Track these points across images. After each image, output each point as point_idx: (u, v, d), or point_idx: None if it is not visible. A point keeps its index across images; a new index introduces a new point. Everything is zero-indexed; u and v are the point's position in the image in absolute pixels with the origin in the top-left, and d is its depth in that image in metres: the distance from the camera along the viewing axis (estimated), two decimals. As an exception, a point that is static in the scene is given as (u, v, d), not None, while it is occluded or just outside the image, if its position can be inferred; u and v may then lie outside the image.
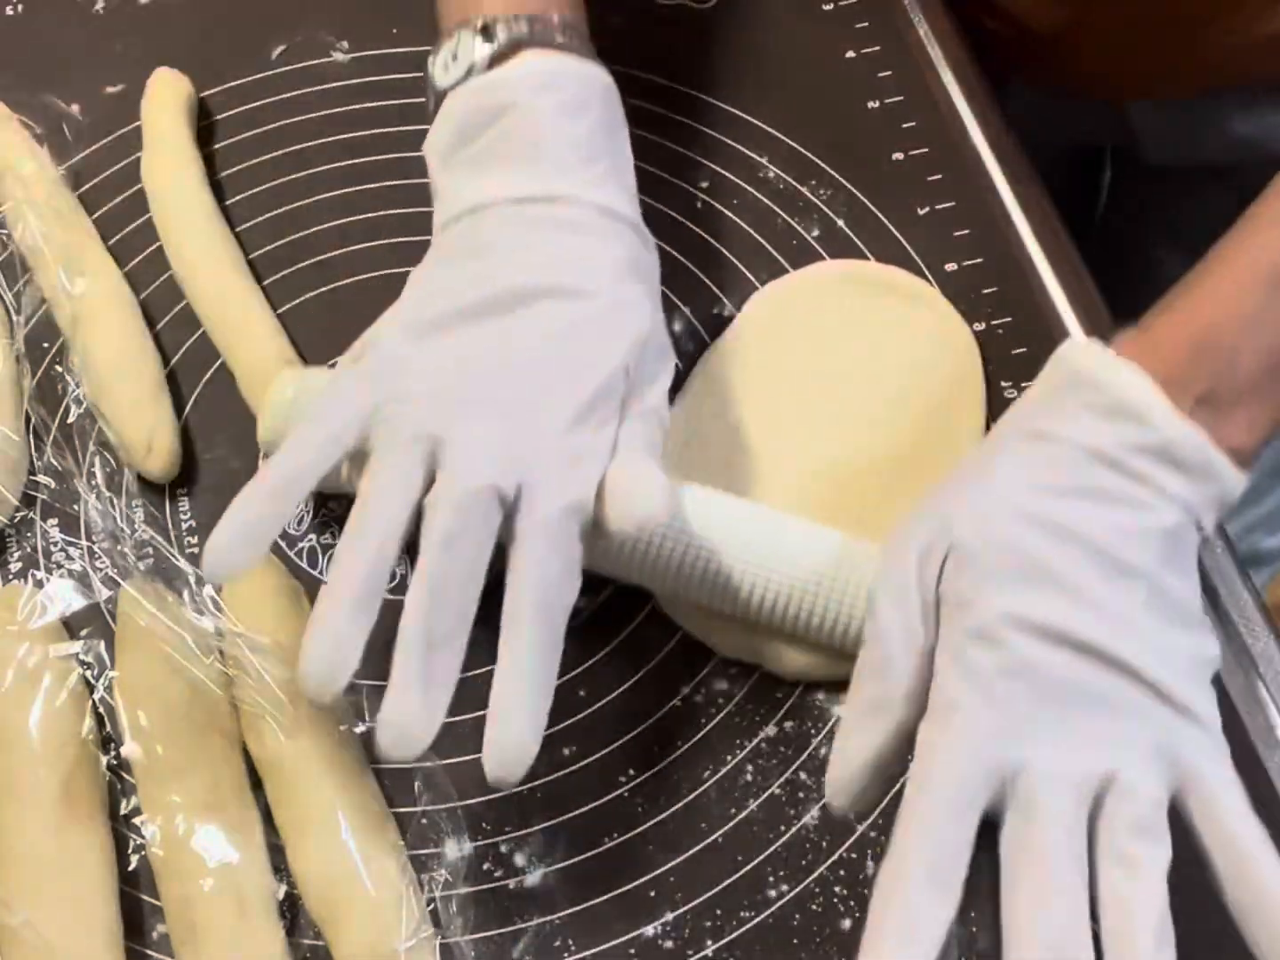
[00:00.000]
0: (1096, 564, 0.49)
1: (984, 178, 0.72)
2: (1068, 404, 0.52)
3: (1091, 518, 0.50)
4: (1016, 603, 0.48)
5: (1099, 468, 0.50)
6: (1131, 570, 0.49)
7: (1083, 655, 0.48)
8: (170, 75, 0.74)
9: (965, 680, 0.48)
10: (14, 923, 0.51)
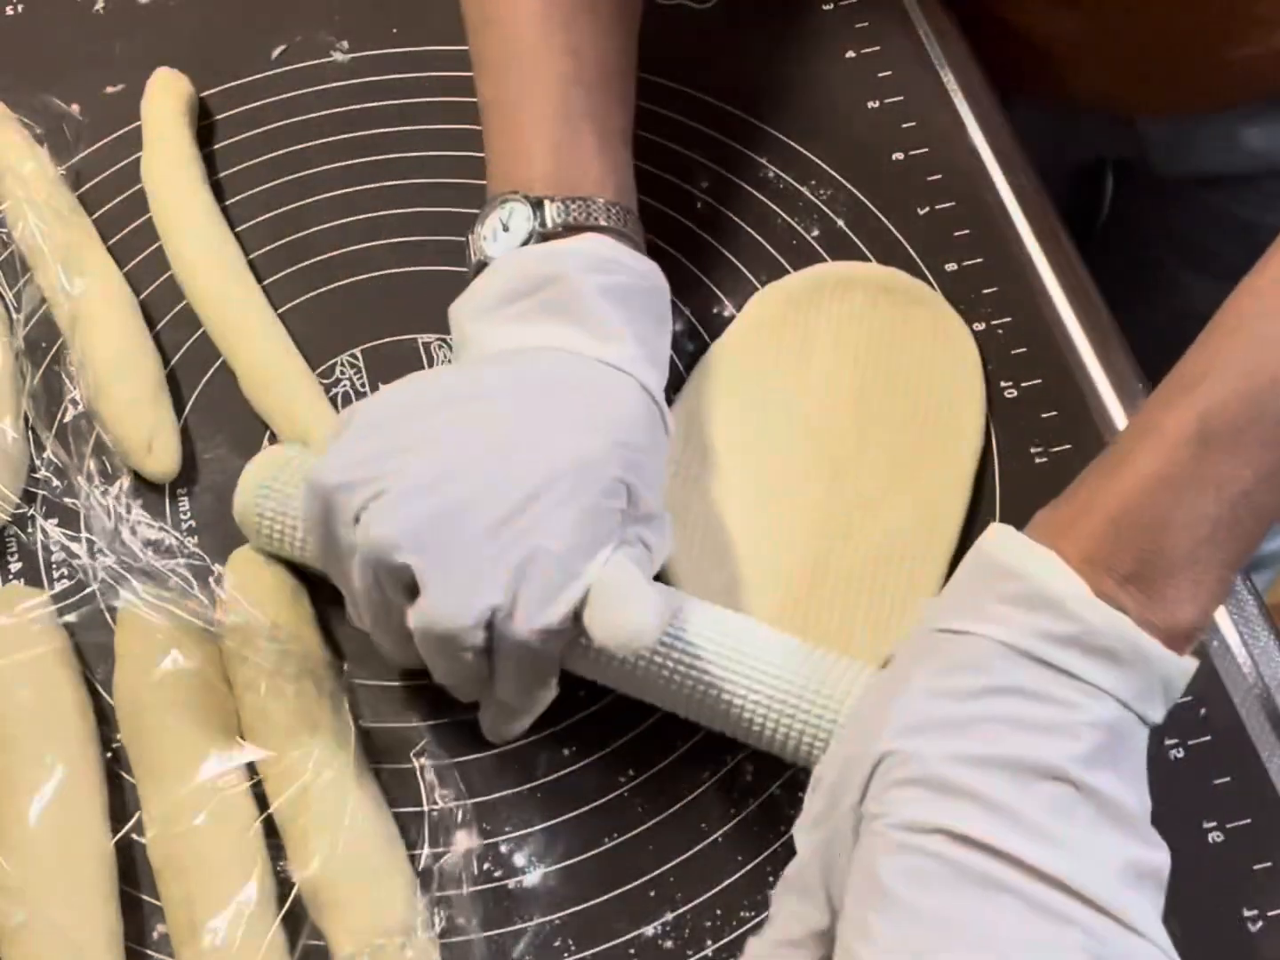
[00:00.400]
0: (1016, 772, 0.45)
1: (984, 178, 0.72)
2: (982, 598, 0.48)
3: (1011, 722, 0.45)
4: (930, 812, 0.44)
5: (1018, 665, 0.46)
6: (1057, 775, 0.45)
7: (1005, 865, 0.44)
8: (170, 75, 0.74)
9: (871, 900, 0.44)
10: (14, 922, 0.51)
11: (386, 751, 0.57)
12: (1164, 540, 0.47)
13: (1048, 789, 0.45)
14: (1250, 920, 0.54)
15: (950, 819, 0.44)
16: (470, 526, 0.51)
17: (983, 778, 0.44)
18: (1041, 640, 0.46)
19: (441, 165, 0.73)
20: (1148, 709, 0.48)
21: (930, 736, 0.46)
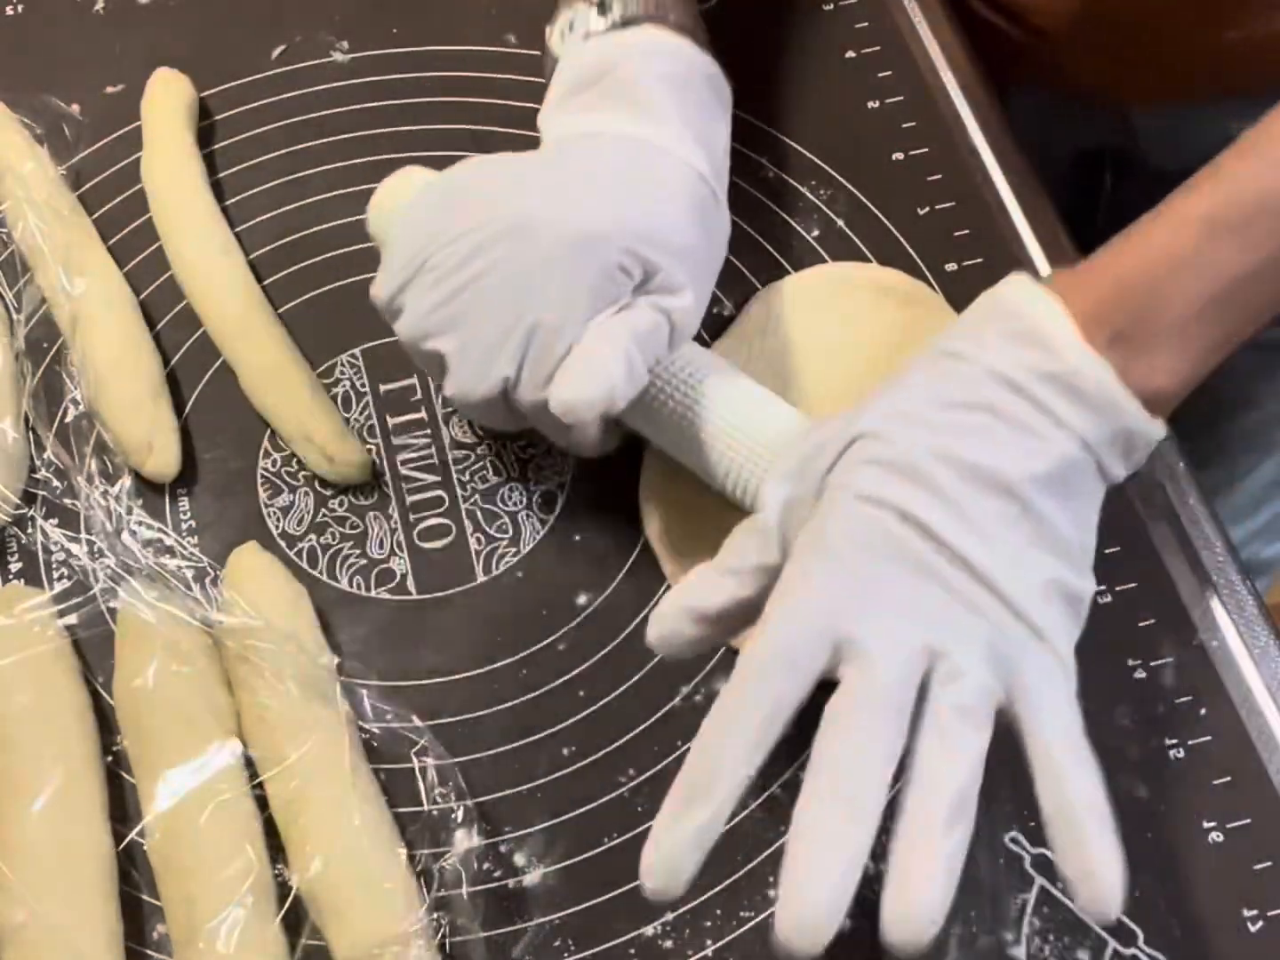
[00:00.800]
0: (974, 476, 0.49)
1: (984, 178, 0.72)
2: (984, 330, 0.53)
3: (981, 434, 0.50)
4: (887, 490, 0.49)
5: (1001, 389, 0.50)
6: (1009, 490, 0.49)
7: (940, 551, 0.48)
8: (170, 75, 0.74)
9: (815, 550, 0.49)
10: (14, 922, 0.51)
11: (386, 751, 0.57)
12: (1157, 307, 0.51)
13: (997, 500, 0.49)
14: (1250, 920, 0.54)
15: (904, 500, 0.49)
16: (485, 304, 0.56)
17: (943, 472, 0.49)
18: (1026, 372, 0.50)
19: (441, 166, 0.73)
20: (1109, 459, 0.51)
21: (906, 427, 0.50)
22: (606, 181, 0.58)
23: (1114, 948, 0.53)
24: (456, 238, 0.57)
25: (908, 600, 0.48)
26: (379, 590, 0.62)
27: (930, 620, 0.48)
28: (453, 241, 0.57)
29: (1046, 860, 0.55)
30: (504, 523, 0.63)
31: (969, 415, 0.50)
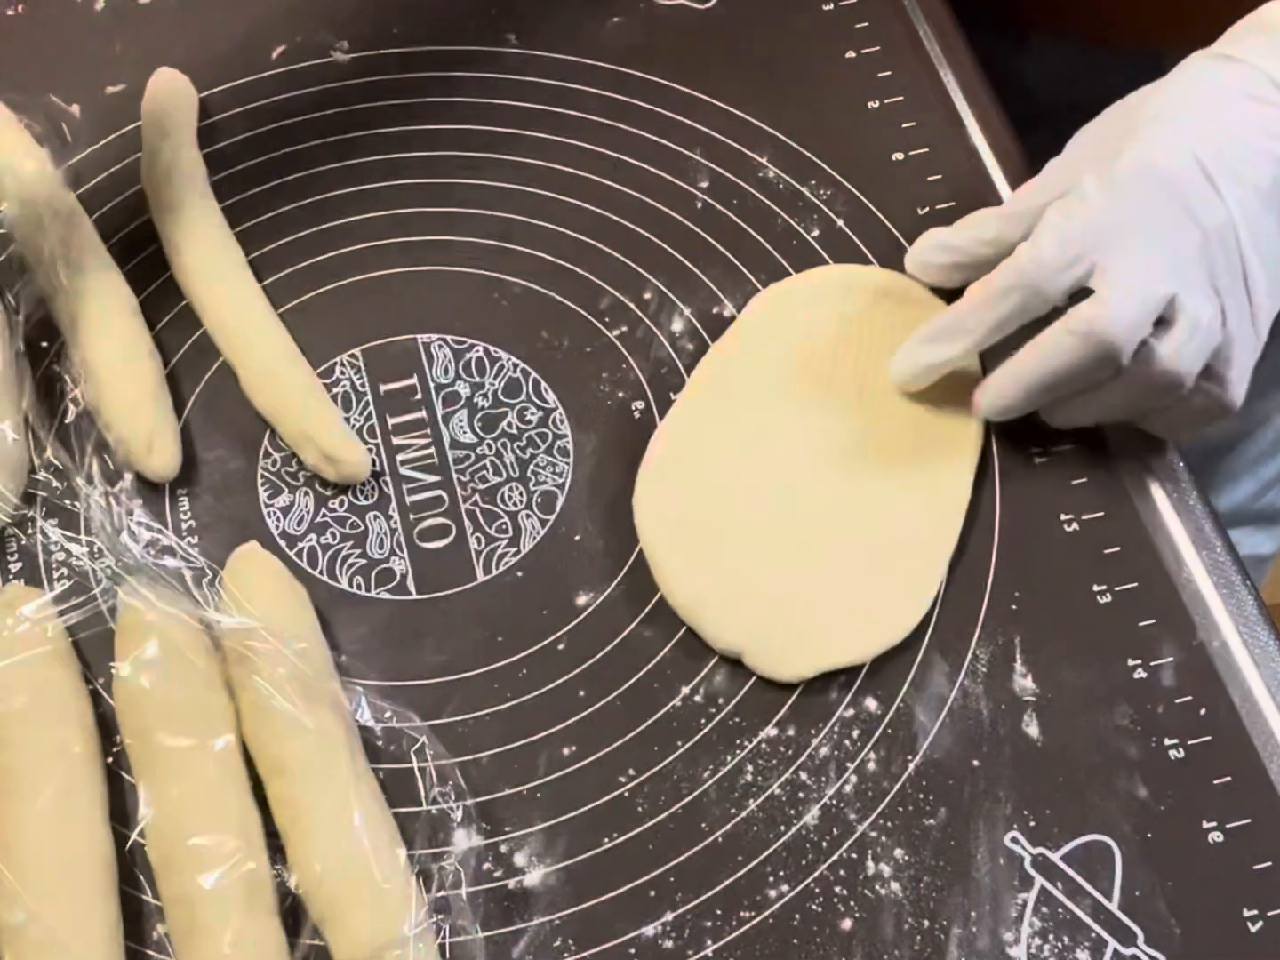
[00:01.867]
0: (1248, 159, 0.57)
1: (984, 178, 0.71)
2: (1250, 39, 0.59)
3: (1255, 122, 0.57)
4: (1177, 139, 0.57)
5: (1272, 88, 0.58)
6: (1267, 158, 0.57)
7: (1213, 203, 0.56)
8: (170, 75, 0.74)
9: (1099, 177, 0.57)
10: (14, 922, 0.51)
11: (386, 751, 0.57)
12: None
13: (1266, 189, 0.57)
14: (1250, 920, 0.54)
15: (1186, 152, 0.57)
16: None
17: (1232, 151, 0.58)
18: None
19: (441, 165, 0.73)
20: None
21: (1198, 105, 0.59)
22: None
23: (1114, 948, 0.53)
24: None
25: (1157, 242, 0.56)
26: (379, 590, 0.62)
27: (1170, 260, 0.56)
28: None
29: (1046, 860, 0.55)
30: (504, 523, 0.63)
31: (1249, 105, 0.58)
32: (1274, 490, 1.02)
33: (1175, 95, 0.59)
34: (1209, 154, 0.56)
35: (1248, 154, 0.57)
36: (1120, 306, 0.56)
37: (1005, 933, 0.54)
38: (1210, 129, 0.57)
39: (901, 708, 0.58)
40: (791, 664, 0.58)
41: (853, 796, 0.56)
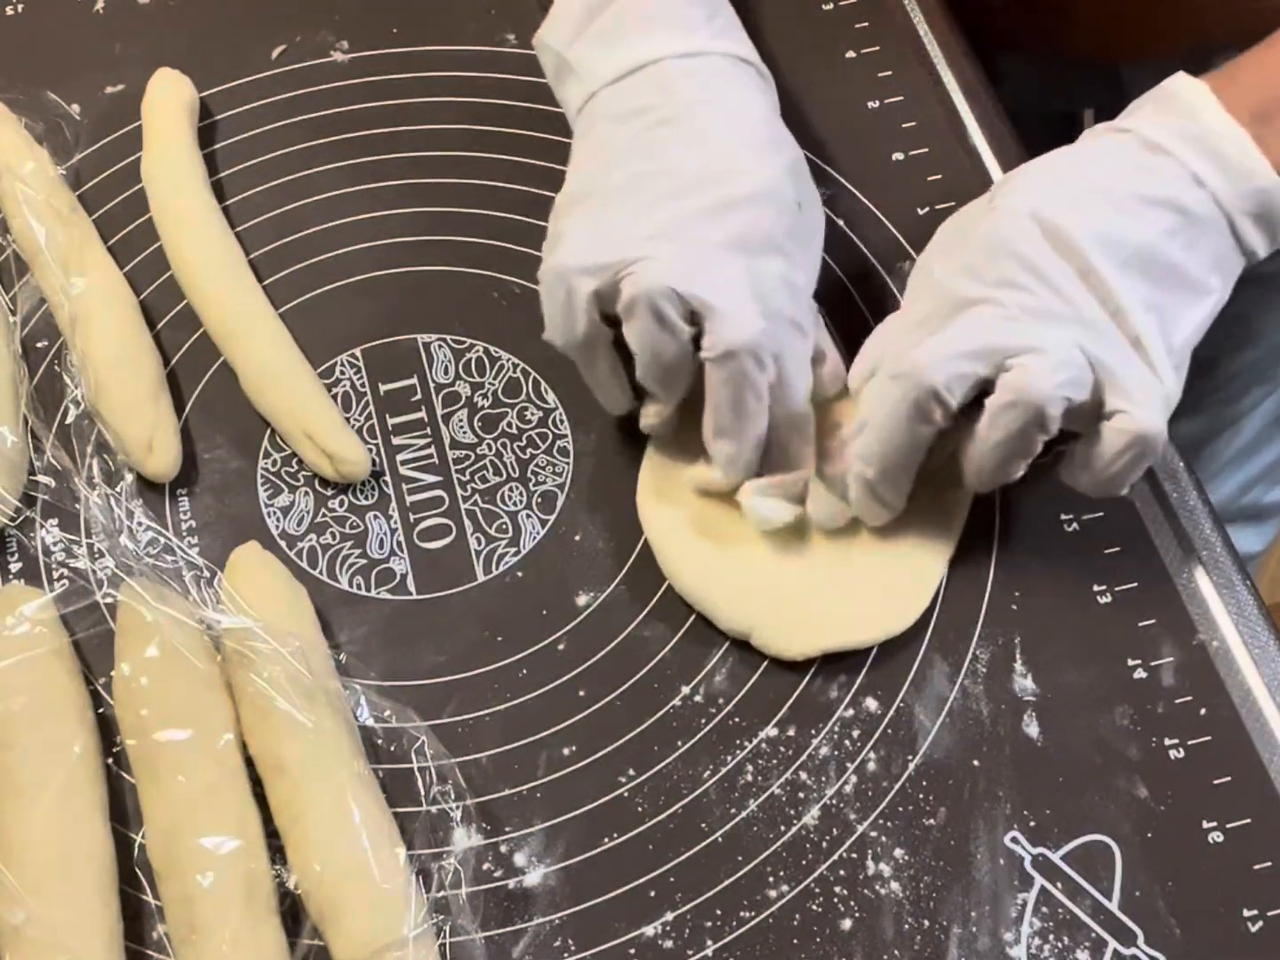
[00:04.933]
0: (1114, 204, 0.55)
1: (984, 177, 0.71)
2: (1140, 110, 0.58)
3: (1125, 183, 0.56)
4: (1029, 201, 0.56)
5: (1149, 153, 0.56)
6: (1141, 219, 0.55)
7: (1066, 255, 0.55)
8: (170, 75, 0.74)
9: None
10: (15, 922, 0.51)
11: (386, 751, 0.57)
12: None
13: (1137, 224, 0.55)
14: (1250, 920, 0.54)
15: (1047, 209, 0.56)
16: None
17: (1095, 203, 0.56)
18: (1173, 137, 0.56)
19: (441, 165, 0.73)
20: (1242, 225, 0.56)
21: (1062, 171, 0.58)
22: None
23: (1114, 948, 0.53)
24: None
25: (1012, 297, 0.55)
26: (379, 590, 0.62)
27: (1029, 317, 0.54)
28: None
29: (1046, 860, 0.55)
30: (504, 523, 0.63)
31: (1121, 171, 0.56)
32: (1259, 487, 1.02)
33: (1046, 168, 0.59)
34: (1050, 211, 0.55)
35: (1113, 202, 0.56)
36: (953, 364, 0.54)
37: (1005, 933, 0.54)
38: (1064, 193, 0.56)
39: (901, 708, 0.58)
40: (798, 642, 0.58)
41: (853, 796, 0.56)
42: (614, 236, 0.57)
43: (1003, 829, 0.55)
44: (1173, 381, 0.55)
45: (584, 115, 0.62)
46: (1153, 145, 0.56)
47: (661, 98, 0.60)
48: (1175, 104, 0.57)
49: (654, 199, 0.58)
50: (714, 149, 0.59)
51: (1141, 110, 0.58)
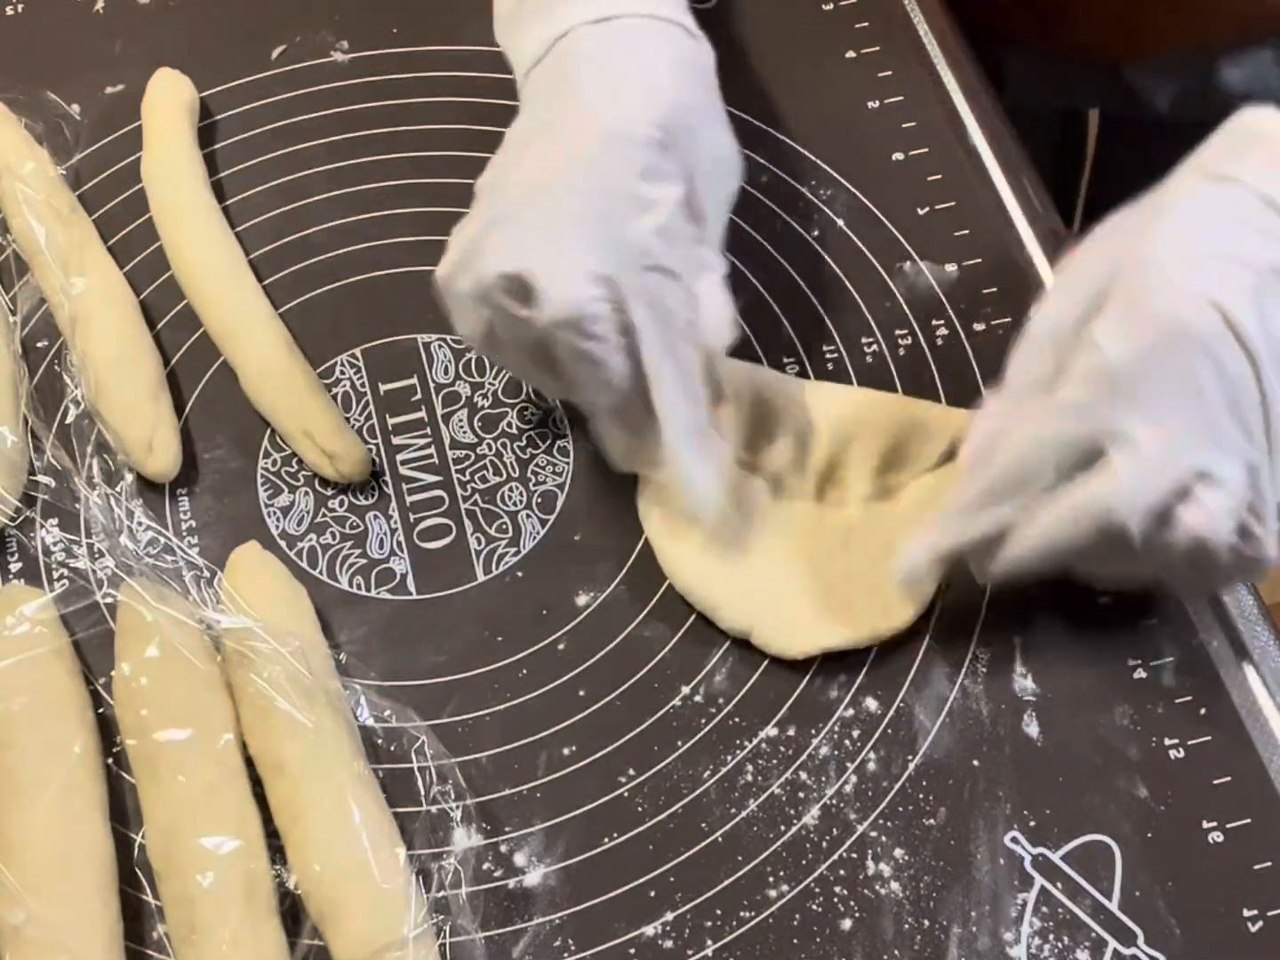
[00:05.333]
0: (1255, 287, 0.52)
1: (984, 178, 0.72)
2: (1247, 155, 0.55)
3: (1266, 259, 0.53)
4: (1196, 284, 0.52)
5: (1270, 213, 0.53)
6: None
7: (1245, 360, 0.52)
8: (170, 75, 0.74)
9: (1117, 332, 0.52)
10: (15, 922, 0.51)
11: (386, 751, 0.57)
12: None
13: None
14: (1250, 920, 0.54)
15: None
16: None
17: (1236, 288, 0.52)
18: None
19: (441, 165, 0.73)
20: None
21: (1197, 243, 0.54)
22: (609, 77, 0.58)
23: (1114, 948, 0.53)
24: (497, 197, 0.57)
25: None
26: (379, 590, 0.62)
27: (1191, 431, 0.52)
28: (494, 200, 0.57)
29: (1047, 860, 0.55)
30: (504, 523, 0.63)
31: (1250, 234, 0.53)
32: None
33: (1183, 227, 0.54)
34: (1229, 299, 0.51)
35: (1265, 301, 0.52)
36: (1137, 485, 0.51)
37: (1005, 933, 0.54)
38: (1227, 273, 0.52)
39: (901, 708, 0.58)
40: (798, 641, 0.58)
41: (853, 796, 0.56)
42: (466, 233, 0.57)
43: (1003, 829, 0.55)
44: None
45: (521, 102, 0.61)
46: (1271, 207, 0.53)
47: (562, 71, 0.58)
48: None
49: (510, 183, 0.57)
50: (580, 108, 0.57)
51: (1245, 157, 0.55)
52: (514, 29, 0.62)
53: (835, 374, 0.66)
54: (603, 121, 0.56)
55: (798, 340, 0.67)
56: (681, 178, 0.56)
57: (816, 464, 0.61)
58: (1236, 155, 0.55)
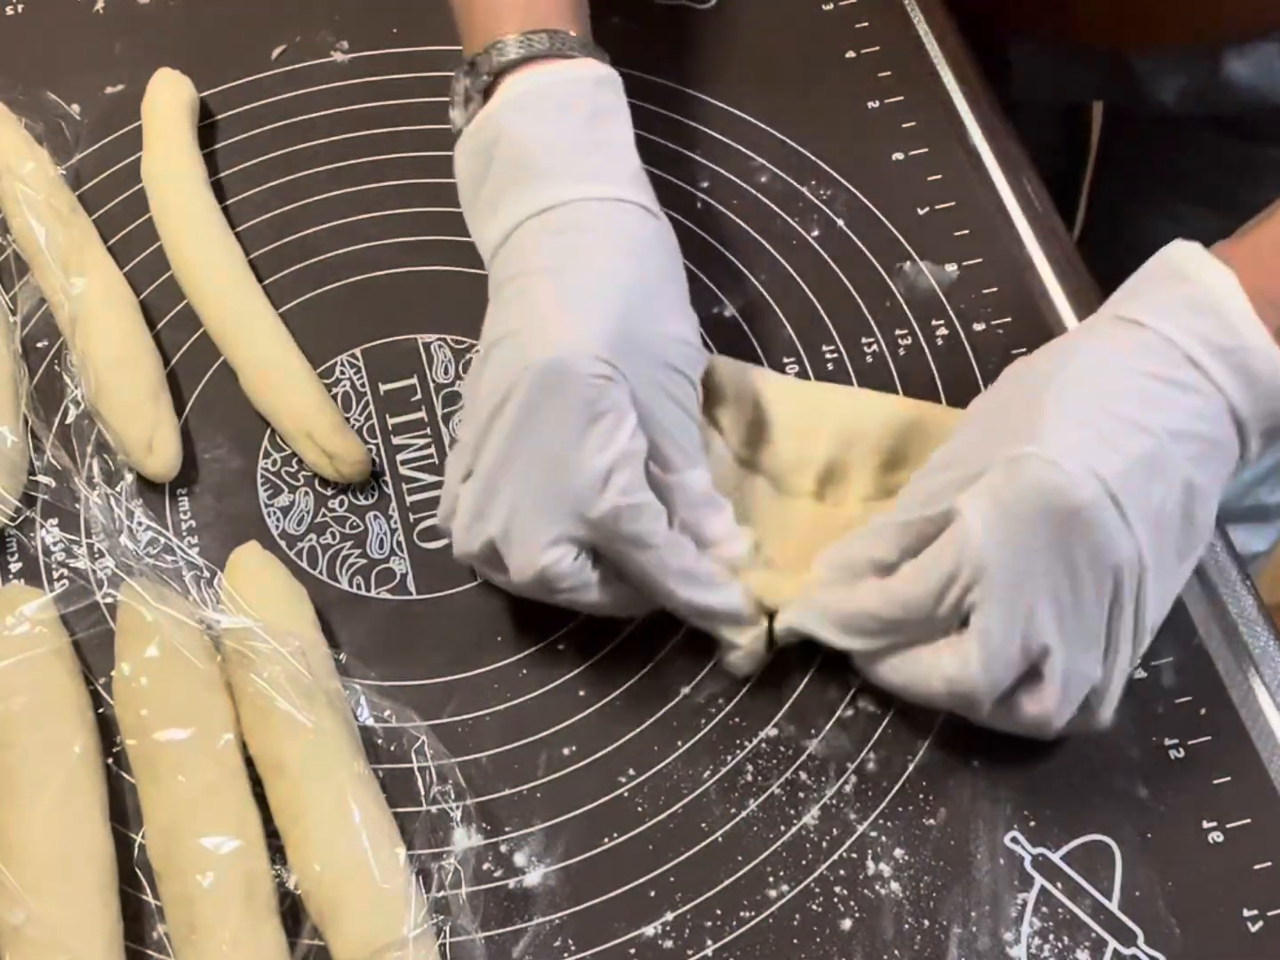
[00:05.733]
0: (1148, 454, 0.50)
1: (984, 177, 0.72)
2: (1159, 295, 0.53)
3: (1162, 419, 0.51)
4: (1083, 457, 0.50)
5: (1182, 363, 0.51)
6: (1173, 468, 0.50)
7: None
8: (171, 75, 0.74)
9: (991, 502, 0.50)
10: (15, 922, 0.51)
11: (386, 751, 0.57)
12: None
13: (1165, 483, 0.51)
14: (1250, 920, 0.54)
15: None
16: None
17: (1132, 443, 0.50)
18: (1204, 347, 0.51)
19: (442, 165, 0.72)
20: (1253, 439, 0.52)
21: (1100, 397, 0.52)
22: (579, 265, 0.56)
23: (1114, 948, 0.53)
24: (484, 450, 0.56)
25: None
26: (379, 590, 0.62)
27: None
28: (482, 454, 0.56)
29: (1047, 860, 0.55)
30: (504, 523, 0.63)
31: (1155, 385, 0.51)
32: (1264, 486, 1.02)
33: (1081, 384, 0.52)
34: (1116, 477, 0.49)
35: (1158, 470, 0.50)
36: (985, 667, 0.51)
37: (1005, 933, 0.54)
38: (1120, 440, 0.50)
39: (901, 708, 0.58)
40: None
41: (853, 796, 0.56)
42: (450, 487, 0.58)
43: (1003, 829, 0.55)
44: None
45: None
46: (1182, 357, 0.51)
47: (516, 271, 0.57)
48: (1199, 296, 0.52)
49: (470, 430, 0.56)
50: (528, 330, 0.55)
51: (1158, 297, 0.53)
52: (474, 216, 0.61)
53: (835, 374, 0.66)
54: (545, 353, 0.53)
55: (798, 340, 0.67)
56: (632, 406, 0.54)
57: (816, 464, 0.61)
58: (1151, 297, 0.53)
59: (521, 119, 0.58)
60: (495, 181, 0.59)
